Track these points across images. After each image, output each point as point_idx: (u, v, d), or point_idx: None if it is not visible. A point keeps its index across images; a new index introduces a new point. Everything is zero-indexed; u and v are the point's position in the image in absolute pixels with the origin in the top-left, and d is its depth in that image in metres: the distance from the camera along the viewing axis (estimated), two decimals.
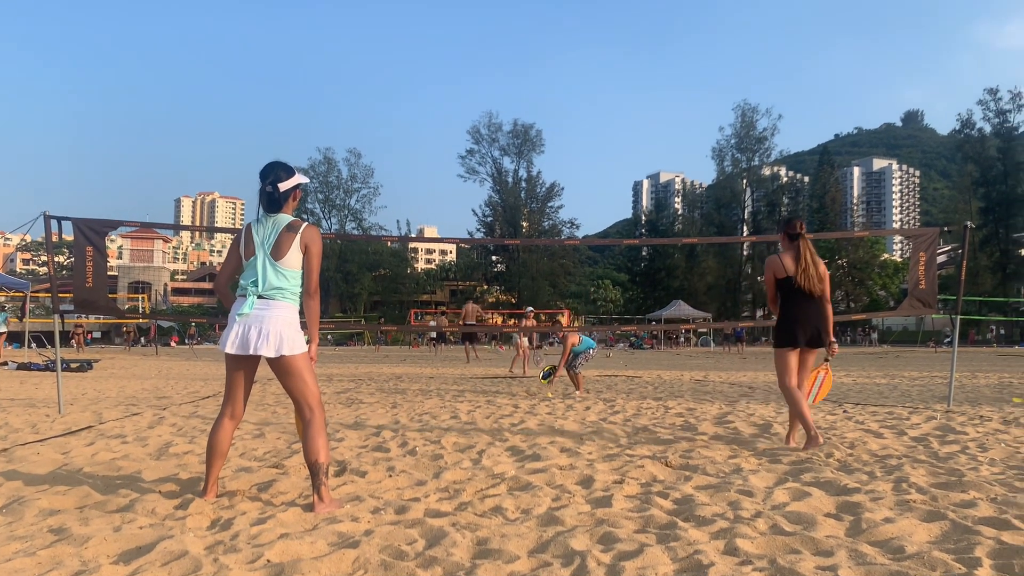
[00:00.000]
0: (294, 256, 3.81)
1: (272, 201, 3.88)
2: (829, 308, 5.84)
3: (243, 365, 3.89)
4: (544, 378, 11.44)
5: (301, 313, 3.92)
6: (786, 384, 5.73)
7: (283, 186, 3.87)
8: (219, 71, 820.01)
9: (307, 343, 3.90)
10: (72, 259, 8.58)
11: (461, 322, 22.42)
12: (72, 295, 8.53)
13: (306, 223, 3.89)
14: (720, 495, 4.05)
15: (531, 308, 21.59)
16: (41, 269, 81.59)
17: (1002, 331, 57.08)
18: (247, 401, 4.01)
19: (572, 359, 11.15)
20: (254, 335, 3.73)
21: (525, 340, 16.89)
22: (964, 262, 9.14)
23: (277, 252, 3.80)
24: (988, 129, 67.26)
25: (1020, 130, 68.05)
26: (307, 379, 3.83)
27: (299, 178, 3.95)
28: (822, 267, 5.78)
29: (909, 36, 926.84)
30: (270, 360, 3.78)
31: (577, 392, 11.01)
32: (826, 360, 6.16)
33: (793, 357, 5.74)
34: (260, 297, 3.78)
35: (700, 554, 2.94)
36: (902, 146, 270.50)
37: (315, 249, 3.85)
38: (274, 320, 3.75)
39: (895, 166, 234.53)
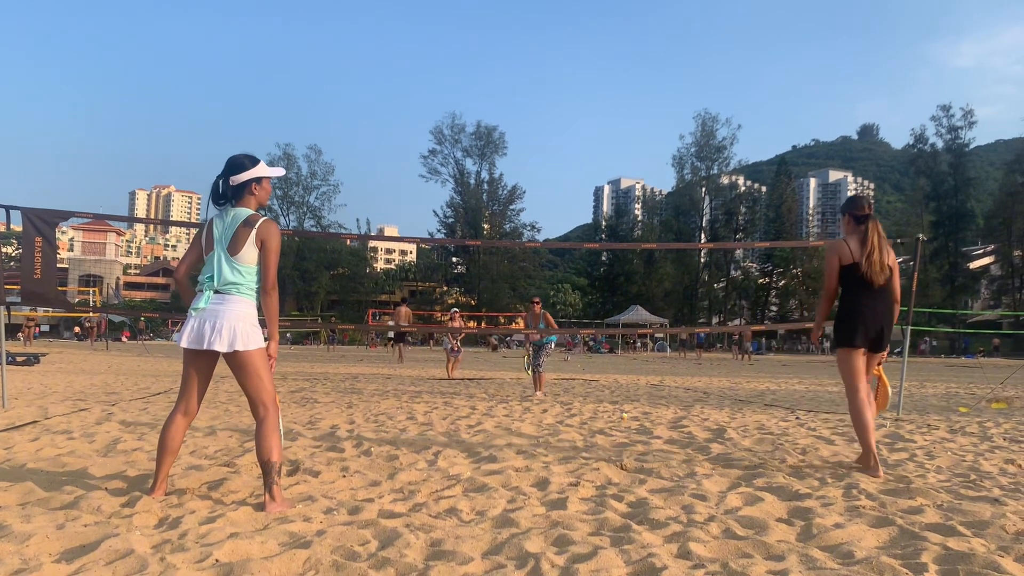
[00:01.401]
0: (249, 251, 3.74)
1: (216, 194, 3.82)
2: (897, 308, 5.16)
3: (199, 361, 3.82)
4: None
5: (260, 310, 3.86)
6: (859, 396, 4.94)
7: (236, 179, 3.79)
8: (177, 63, 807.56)
9: (266, 340, 3.84)
10: (20, 250, 8.36)
11: (395, 323, 22.41)
12: (19, 287, 8.30)
13: (264, 218, 3.82)
14: (674, 499, 4.08)
15: (456, 309, 21.68)
16: None
17: (934, 343, 58.26)
18: (202, 398, 3.94)
19: (536, 354, 11.19)
20: (208, 329, 3.67)
21: (455, 342, 16.85)
22: (916, 274, 9.34)
23: (233, 247, 3.73)
24: (940, 145, 69.05)
25: (971, 147, 69.96)
26: (262, 376, 3.77)
27: (261, 170, 3.85)
28: (891, 256, 5.09)
29: (866, 51, 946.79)
30: (225, 355, 3.72)
31: (537, 393, 11.02)
32: (878, 363, 5.41)
33: (860, 359, 5.01)
34: (216, 292, 3.72)
35: (653, 557, 2.95)
36: (857, 159, 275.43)
37: (272, 245, 3.78)
38: (229, 315, 3.69)
39: (850, 178, 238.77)
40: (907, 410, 9.70)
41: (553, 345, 11.51)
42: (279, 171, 4.09)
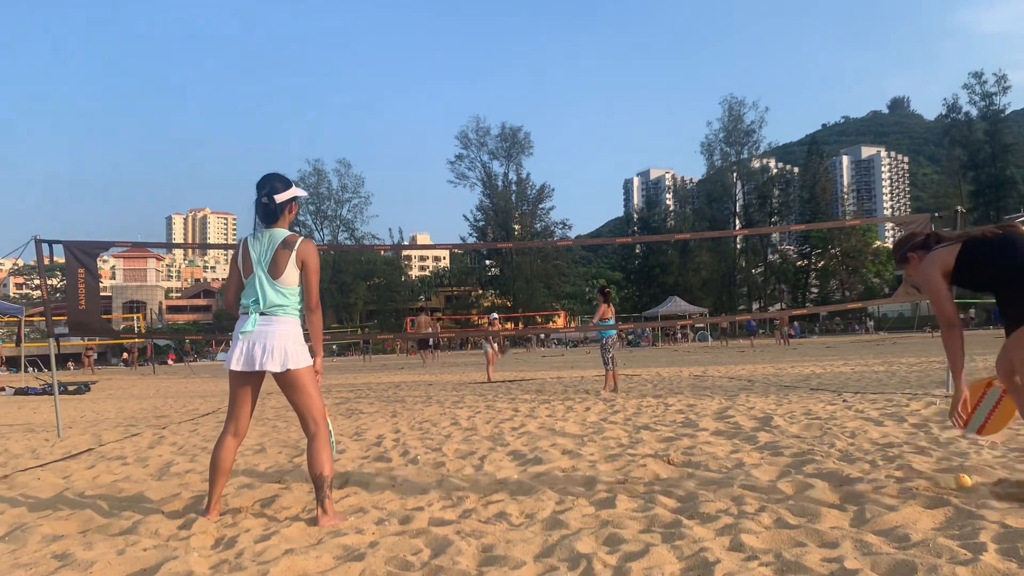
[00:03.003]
0: (291, 273, 3.80)
1: (268, 213, 3.87)
2: None
3: (248, 382, 3.89)
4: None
5: (303, 326, 3.93)
6: None
7: (279, 197, 3.86)
8: (206, 85, 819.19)
9: (312, 357, 3.90)
10: (64, 281, 8.56)
11: (416, 332, 22.68)
12: (66, 317, 8.51)
13: (302, 238, 3.87)
14: (723, 491, 4.05)
15: (496, 314, 21.73)
16: (35, 293, 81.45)
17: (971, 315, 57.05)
18: (251, 418, 4.00)
19: (605, 351, 11.21)
20: (259, 351, 3.73)
21: (495, 345, 16.95)
22: None
23: (274, 270, 3.79)
24: (974, 113, 67.83)
25: (1006, 112, 68.48)
26: (312, 393, 3.83)
27: (296, 191, 3.94)
28: None
29: (893, 24, 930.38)
30: (276, 375, 3.78)
31: (603, 392, 10.96)
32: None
33: None
34: (262, 314, 3.78)
35: (706, 551, 2.94)
36: (890, 133, 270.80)
37: (312, 264, 3.84)
38: (278, 336, 3.75)
39: (883, 153, 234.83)
40: None
41: (608, 340, 11.44)
42: (303, 192, 4.17)
